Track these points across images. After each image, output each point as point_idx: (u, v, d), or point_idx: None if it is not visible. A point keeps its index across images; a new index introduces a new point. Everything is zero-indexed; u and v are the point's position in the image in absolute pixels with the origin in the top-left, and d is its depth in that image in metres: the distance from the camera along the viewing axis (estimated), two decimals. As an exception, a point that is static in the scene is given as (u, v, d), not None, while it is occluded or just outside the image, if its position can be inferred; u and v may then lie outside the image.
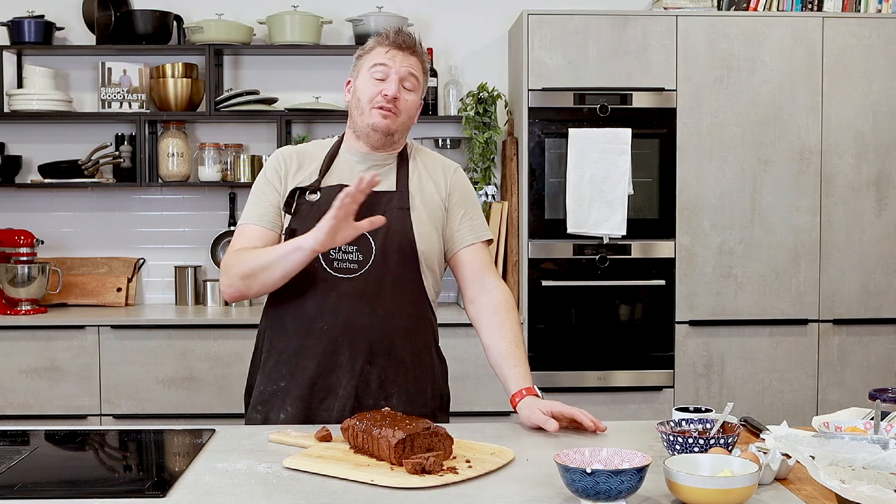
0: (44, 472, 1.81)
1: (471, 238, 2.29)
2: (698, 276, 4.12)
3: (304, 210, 2.19)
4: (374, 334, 2.17)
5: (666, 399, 4.11)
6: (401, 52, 2.21)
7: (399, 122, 2.21)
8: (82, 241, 4.55)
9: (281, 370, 2.20)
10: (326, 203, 2.13)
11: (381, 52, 2.21)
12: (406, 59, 2.21)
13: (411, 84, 2.22)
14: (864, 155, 4.15)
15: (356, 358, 2.16)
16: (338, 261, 2.17)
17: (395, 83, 2.19)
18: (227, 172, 4.45)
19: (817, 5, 4.23)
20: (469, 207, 2.31)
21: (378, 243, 2.17)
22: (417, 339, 2.25)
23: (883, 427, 1.85)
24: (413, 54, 2.22)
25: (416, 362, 2.23)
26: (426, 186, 2.27)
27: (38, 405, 3.99)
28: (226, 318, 4.14)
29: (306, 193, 2.21)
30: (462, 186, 2.32)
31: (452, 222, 2.28)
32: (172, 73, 4.35)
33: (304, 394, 2.17)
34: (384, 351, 2.18)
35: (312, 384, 2.17)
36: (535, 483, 1.67)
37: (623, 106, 4.07)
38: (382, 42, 2.22)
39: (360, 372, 2.16)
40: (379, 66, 2.20)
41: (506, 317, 2.23)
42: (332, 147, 2.29)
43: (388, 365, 2.18)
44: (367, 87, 2.20)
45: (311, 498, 1.60)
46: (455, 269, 2.30)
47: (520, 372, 2.15)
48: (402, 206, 2.21)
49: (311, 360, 2.17)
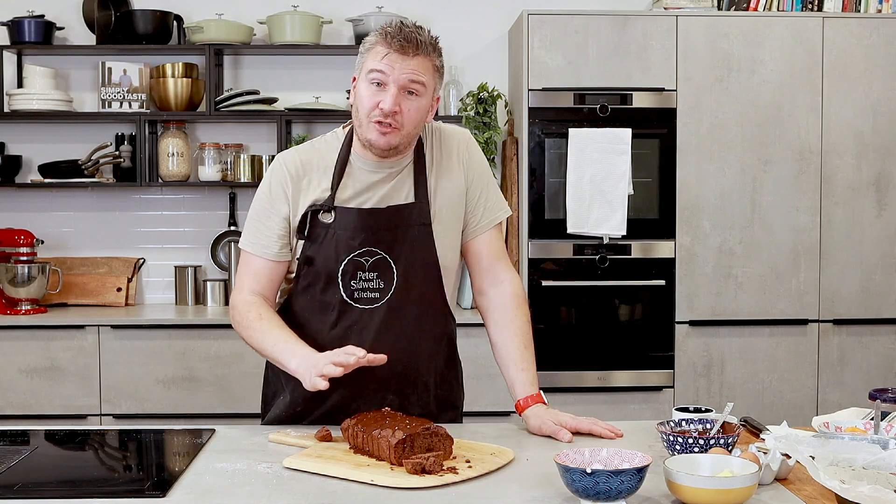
0: (44, 472, 1.81)
1: (486, 223, 2.17)
2: (698, 276, 4.12)
3: (320, 234, 2.06)
4: (399, 365, 2.07)
5: (666, 399, 4.11)
6: (401, 56, 1.97)
7: (402, 135, 2.01)
8: (82, 240, 4.55)
9: (298, 399, 2.12)
10: (340, 226, 2.05)
11: (380, 53, 1.98)
12: (408, 63, 1.97)
13: (416, 88, 1.99)
14: (864, 155, 4.15)
15: (380, 389, 2.09)
16: (358, 291, 2.07)
17: (394, 95, 1.96)
18: (228, 172, 4.45)
19: (817, 5, 4.23)
20: (484, 186, 2.17)
21: (400, 268, 2.07)
22: (440, 357, 2.19)
23: (883, 427, 1.85)
24: (417, 55, 1.98)
25: (439, 381, 2.18)
26: (445, 184, 2.13)
27: (38, 405, 3.98)
28: (226, 318, 4.13)
29: (319, 214, 2.05)
30: (476, 162, 2.17)
31: (470, 206, 2.15)
32: (172, 73, 4.35)
33: (324, 419, 2.10)
34: (409, 379, 2.12)
35: (334, 411, 2.09)
36: (535, 483, 1.67)
37: (623, 106, 4.07)
38: (382, 41, 1.98)
39: (383, 400, 2.10)
40: (376, 73, 1.98)
41: (515, 313, 2.17)
42: (342, 153, 2.09)
43: (413, 391, 2.13)
44: (364, 96, 2.00)
45: (311, 498, 1.60)
46: (467, 256, 2.21)
47: (527, 377, 2.10)
48: (424, 221, 2.08)
49: (333, 391, 2.04)
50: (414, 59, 1.98)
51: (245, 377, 3.94)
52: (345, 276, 2.07)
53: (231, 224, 4.53)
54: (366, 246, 2.06)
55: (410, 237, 2.08)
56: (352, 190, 2.08)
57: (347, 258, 2.06)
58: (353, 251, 2.06)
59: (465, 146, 2.17)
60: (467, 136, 2.19)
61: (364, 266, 2.07)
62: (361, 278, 2.06)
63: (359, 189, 2.08)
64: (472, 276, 2.22)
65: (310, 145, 2.15)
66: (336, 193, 2.07)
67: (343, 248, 2.05)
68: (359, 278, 2.06)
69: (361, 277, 2.06)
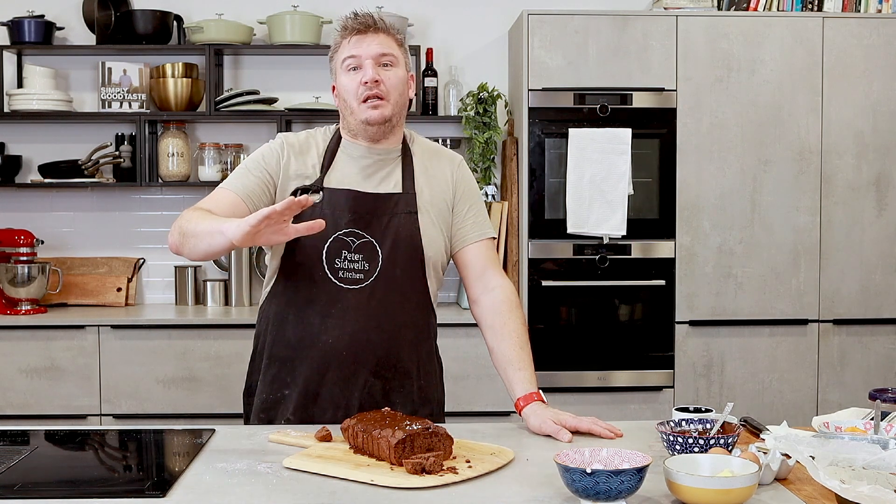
0: (44, 472, 1.81)
1: (475, 235, 2.24)
2: (698, 276, 4.12)
3: (307, 212, 2.10)
4: (381, 349, 2.13)
5: (666, 399, 4.11)
6: (364, 36, 2.12)
7: (391, 105, 2.13)
8: (82, 241, 4.55)
9: (284, 378, 2.17)
10: (328, 206, 2.11)
11: (346, 44, 2.14)
12: (372, 39, 2.12)
13: (389, 60, 2.13)
14: (864, 155, 4.15)
15: (362, 372, 2.13)
16: (343, 270, 2.12)
17: (371, 66, 2.10)
18: (228, 172, 4.44)
19: (817, 5, 4.23)
20: (474, 203, 2.26)
21: (385, 251, 2.12)
22: (422, 347, 2.22)
23: (883, 427, 1.85)
24: (378, 32, 2.14)
25: (421, 371, 2.21)
26: (433, 184, 2.21)
27: (38, 405, 3.98)
28: (226, 318, 4.14)
29: (308, 193, 2.12)
30: (467, 181, 2.27)
31: (457, 219, 2.23)
32: (172, 73, 4.35)
33: (307, 403, 2.14)
34: (391, 365, 2.15)
35: (316, 395, 2.14)
36: (535, 483, 1.67)
37: (623, 106, 4.07)
38: (344, 33, 2.15)
39: (365, 384, 2.13)
40: (349, 59, 2.13)
41: (509, 317, 2.19)
42: (332, 141, 2.21)
43: (394, 377, 2.16)
44: (347, 84, 2.14)
45: (311, 498, 1.60)
46: (459, 266, 2.26)
47: (525, 375, 2.12)
48: (410, 209, 2.16)
49: (314, 371, 2.13)
50: (377, 35, 2.14)
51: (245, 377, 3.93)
52: (330, 254, 2.11)
53: (231, 224, 4.53)
54: (352, 227, 2.12)
55: (395, 224, 2.13)
56: (340, 176, 2.16)
57: (333, 236, 2.11)
58: (339, 230, 2.11)
59: (458, 165, 2.28)
60: (461, 159, 2.31)
61: (350, 246, 2.12)
62: (347, 258, 2.11)
63: (348, 175, 2.16)
64: (466, 286, 2.28)
65: (306, 133, 2.26)
66: (324, 177, 2.15)
67: (329, 227, 2.08)
68: (343, 257, 2.11)
69: (347, 258, 2.11)
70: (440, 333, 2.34)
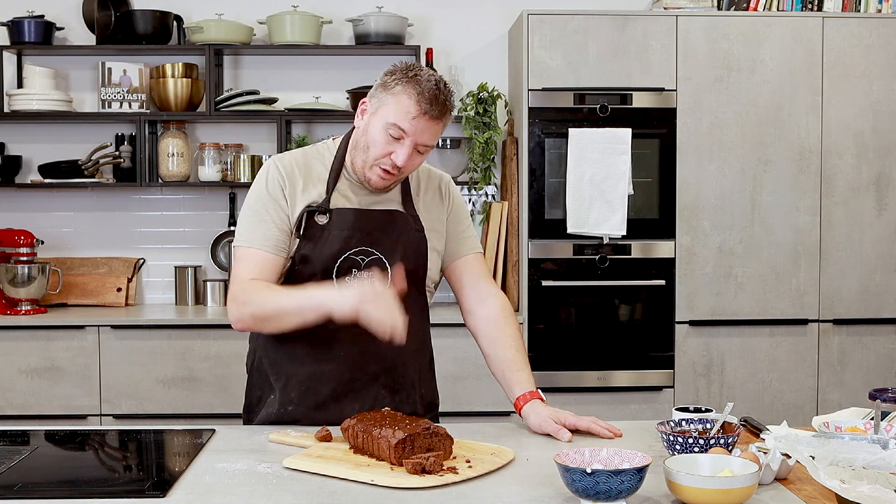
0: (44, 472, 1.81)
1: (467, 248, 2.27)
2: (698, 276, 4.12)
3: (315, 233, 2.09)
4: (388, 360, 2.14)
5: (666, 399, 4.11)
6: (429, 122, 2.03)
7: (398, 180, 2.14)
8: (82, 241, 4.55)
9: (290, 394, 2.16)
10: (336, 226, 2.10)
11: (409, 112, 2.02)
12: (432, 128, 2.05)
13: (425, 148, 2.07)
14: (864, 155, 4.15)
15: (371, 384, 2.15)
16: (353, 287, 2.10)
17: (408, 152, 2.04)
18: (227, 172, 4.45)
19: (817, 5, 4.23)
20: (464, 219, 2.30)
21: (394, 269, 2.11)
22: (423, 355, 2.27)
23: (883, 427, 1.85)
24: (441, 121, 2.06)
25: (423, 379, 2.24)
26: (430, 203, 2.23)
27: (38, 405, 3.98)
28: (226, 318, 4.08)
29: (315, 215, 2.09)
30: (457, 200, 2.30)
31: (451, 235, 2.26)
32: (172, 73, 4.35)
33: (316, 416, 2.12)
34: (398, 375, 2.17)
35: (325, 408, 2.13)
36: (535, 483, 1.67)
37: (623, 106, 4.07)
38: (416, 100, 2.01)
39: (374, 396, 2.15)
40: (397, 129, 2.03)
41: (504, 324, 2.21)
42: (336, 160, 2.15)
43: (401, 388, 2.18)
44: (377, 142, 2.05)
45: (311, 498, 1.60)
46: (451, 279, 2.29)
47: (523, 376, 2.14)
48: (418, 227, 2.17)
49: (325, 385, 2.13)
50: (438, 123, 2.07)
51: (245, 377, 3.92)
52: (340, 273, 2.10)
53: (231, 224, 4.53)
54: (361, 245, 2.11)
55: (404, 241, 2.14)
56: (343, 199, 2.14)
57: (343, 256, 2.10)
58: (349, 249, 2.10)
59: (447, 184, 2.30)
60: (449, 178, 2.33)
61: (360, 265, 2.11)
62: (357, 277, 2.09)
63: (350, 199, 2.14)
64: (460, 298, 2.29)
65: (302, 152, 2.20)
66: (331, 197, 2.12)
67: (339, 246, 2.09)
68: (354, 276, 2.10)
69: (357, 276, 2.09)
70: (440, 333, 2.36)
